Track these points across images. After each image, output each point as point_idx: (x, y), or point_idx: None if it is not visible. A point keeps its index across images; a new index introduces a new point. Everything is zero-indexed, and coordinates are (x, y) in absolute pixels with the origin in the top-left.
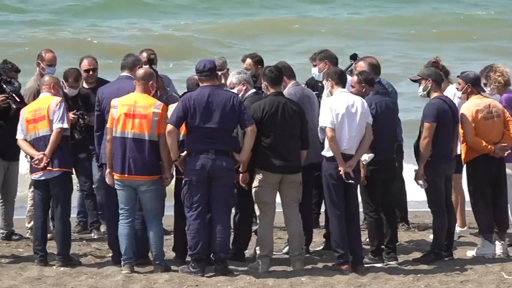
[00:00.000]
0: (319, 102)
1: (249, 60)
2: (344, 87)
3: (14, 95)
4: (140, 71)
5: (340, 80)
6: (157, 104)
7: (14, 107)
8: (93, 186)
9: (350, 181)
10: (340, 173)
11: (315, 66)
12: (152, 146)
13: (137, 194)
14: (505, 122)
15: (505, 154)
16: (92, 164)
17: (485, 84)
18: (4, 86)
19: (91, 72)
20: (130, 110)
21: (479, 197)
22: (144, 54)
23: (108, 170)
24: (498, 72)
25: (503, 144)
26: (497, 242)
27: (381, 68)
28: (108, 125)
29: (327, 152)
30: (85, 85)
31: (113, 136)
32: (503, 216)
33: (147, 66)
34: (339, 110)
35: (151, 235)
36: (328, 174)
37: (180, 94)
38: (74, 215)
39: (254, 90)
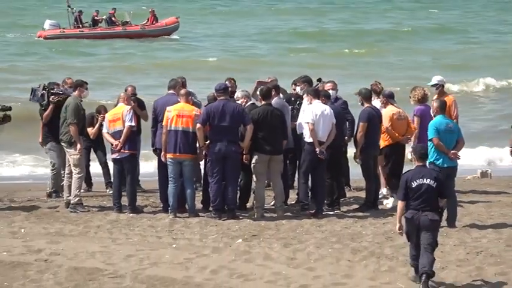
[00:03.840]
0: (292, 112)
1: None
2: (319, 99)
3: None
4: (183, 91)
5: (315, 95)
6: (196, 109)
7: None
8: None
9: (322, 156)
10: (317, 152)
11: (298, 85)
12: (194, 136)
13: (181, 168)
14: (408, 123)
15: (408, 142)
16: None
17: (410, 97)
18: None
19: (131, 96)
20: (180, 113)
21: (388, 168)
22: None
23: (163, 153)
24: (417, 91)
25: (407, 135)
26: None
27: (337, 86)
28: (164, 123)
29: (308, 139)
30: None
31: (168, 130)
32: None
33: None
34: (317, 112)
35: (188, 194)
36: (308, 153)
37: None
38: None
39: (252, 101)
